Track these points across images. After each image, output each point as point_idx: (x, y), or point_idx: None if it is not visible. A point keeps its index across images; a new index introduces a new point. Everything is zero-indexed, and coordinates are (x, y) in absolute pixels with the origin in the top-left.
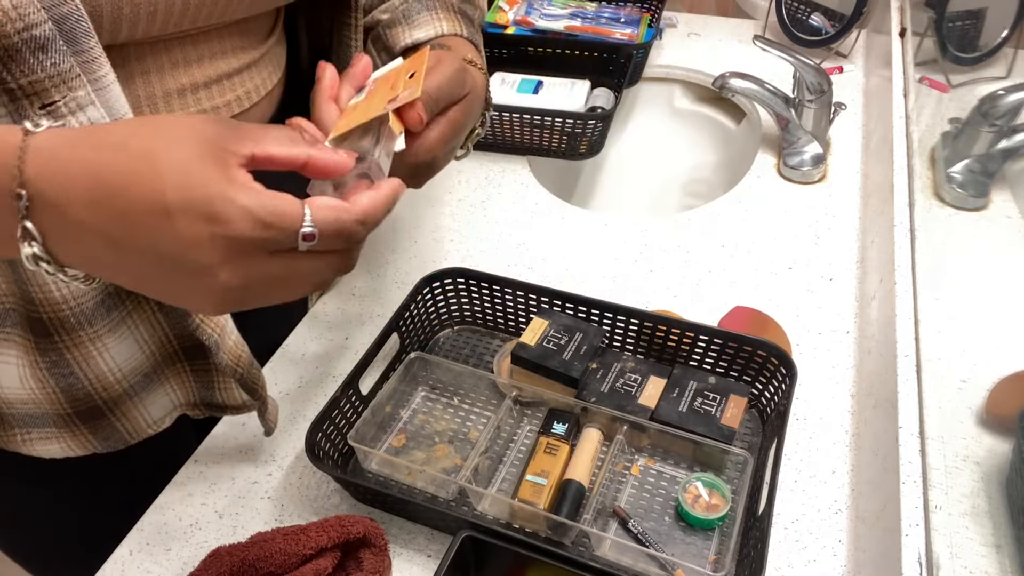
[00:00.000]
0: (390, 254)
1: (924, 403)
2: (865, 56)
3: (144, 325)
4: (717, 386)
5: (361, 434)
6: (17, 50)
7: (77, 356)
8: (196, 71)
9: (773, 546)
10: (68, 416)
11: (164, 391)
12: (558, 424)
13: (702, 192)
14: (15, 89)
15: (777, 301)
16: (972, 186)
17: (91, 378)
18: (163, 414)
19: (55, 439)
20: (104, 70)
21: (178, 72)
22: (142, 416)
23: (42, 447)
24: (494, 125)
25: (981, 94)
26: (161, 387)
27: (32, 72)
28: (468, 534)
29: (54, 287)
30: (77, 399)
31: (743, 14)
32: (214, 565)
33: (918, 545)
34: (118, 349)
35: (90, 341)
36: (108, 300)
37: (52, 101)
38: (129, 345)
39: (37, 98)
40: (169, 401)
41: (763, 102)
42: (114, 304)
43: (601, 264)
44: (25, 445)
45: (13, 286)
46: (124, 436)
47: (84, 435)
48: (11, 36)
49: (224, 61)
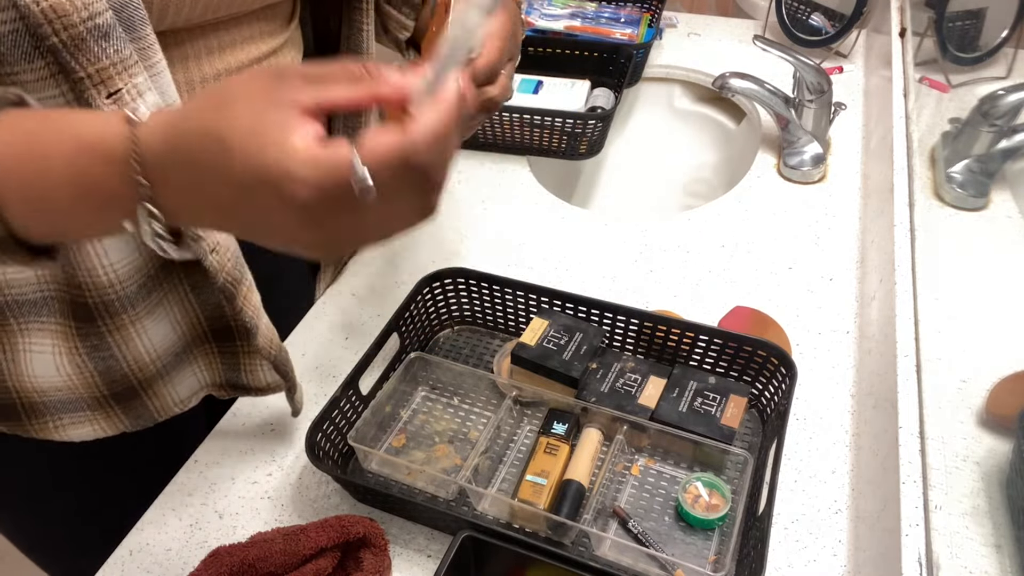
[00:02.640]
0: (390, 254)
1: (924, 403)
2: (865, 56)
3: (178, 307)
4: (717, 386)
5: (361, 434)
6: (83, 39)
7: (118, 339)
8: (230, 56)
9: (773, 546)
10: (104, 398)
11: (192, 371)
12: (558, 424)
13: (702, 192)
14: (84, 78)
15: (777, 301)
16: (972, 186)
17: (129, 360)
18: (190, 393)
19: (88, 422)
20: (157, 56)
21: (213, 58)
22: (170, 395)
23: (74, 431)
24: (494, 125)
25: (981, 94)
26: (189, 367)
27: (97, 60)
28: (468, 534)
29: (102, 272)
30: (115, 380)
31: (743, 14)
32: (214, 565)
33: (918, 545)
34: (155, 330)
35: (131, 323)
36: (149, 283)
37: (116, 89)
38: (164, 326)
39: (104, 87)
40: (196, 381)
41: (763, 102)
42: (154, 286)
43: (601, 264)
44: (57, 431)
45: (59, 273)
46: (153, 414)
47: (117, 415)
48: (77, 25)
49: (254, 46)
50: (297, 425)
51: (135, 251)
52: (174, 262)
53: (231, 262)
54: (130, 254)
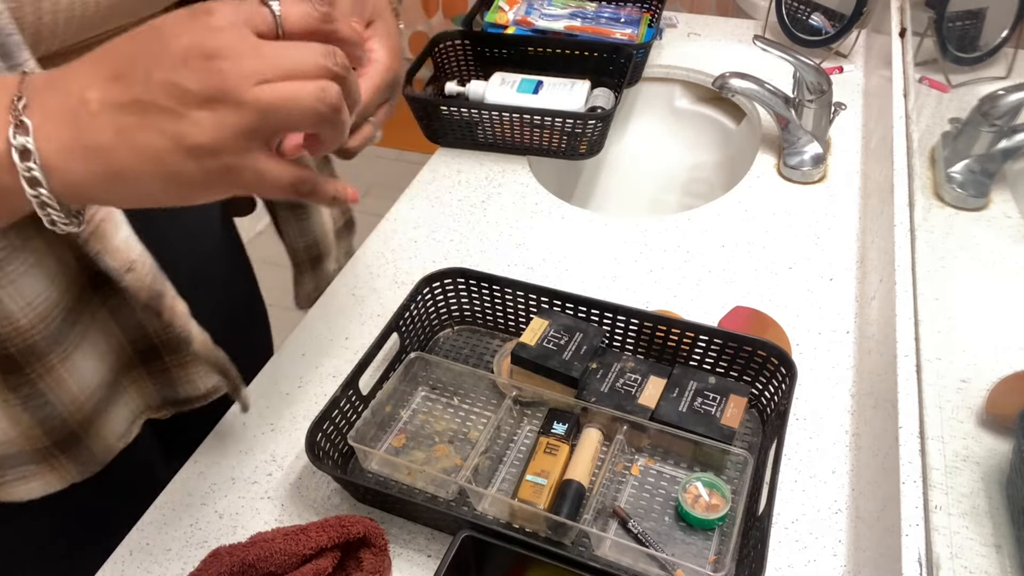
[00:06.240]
0: (390, 254)
1: (924, 403)
2: (865, 56)
3: (102, 336)
4: (717, 386)
5: (361, 434)
6: None
7: (50, 382)
8: None
9: (773, 546)
10: (46, 449)
11: (124, 401)
12: (558, 424)
13: (702, 192)
14: None
15: (777, 301)
16: (972, 186)
17: (64, 402)
18: (127, 424)
19: (34, 477)
20: None
21: None
22: (109, 432)
23: (22, 488)
24: (494, 125)
25: (981, 94)
26: (121, 397)
27: None
28: (468, 534)
29: (21, 315)
30: (54, 428)
31: (743, 14)
32: (214, 565)
33: (918, 545)
34: (84, 365)
35: (60, 363)
36: (69, 316)
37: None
38: (93, 359)
39: None
40: (129, 411)
41: (763, 102)
42: (75, 318)
43: (601, 264)
44: (2, 491)
45: None
46: (97, 457)
47: (63, 466)
48: None
49: None
50: (297, 425)
51: (49, 284)
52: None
53: (150, 276)
54: (45, 288)
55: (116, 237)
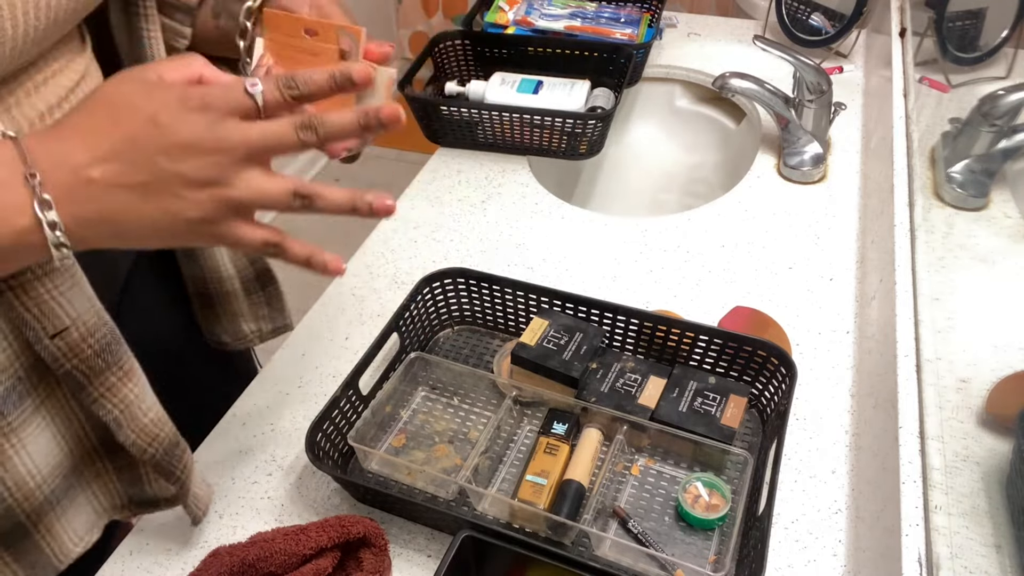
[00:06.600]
0: (390, 254)
1: (924, 403)
2: (865, 56)
3: (59, 416)
4: (717, 386)
5: (361, 434)
6: None
7: None
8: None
9: (773, 546)
10: None
11: (86, 497)
12: (558, 424)
13: (702, 192)
14: None
15: (777, 301)
16: (972, 186)
17: (10, 485)
18: (89, 526)
19: None
20: None
21: (32, 98)
22: (66, 531)
23: None
24: (494, 125)
25: (981, 94)
26: (83, 493)
27: None
28: (468, 534)
29: None
30: None
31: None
32: (214, 565)
33: (918, 545)
34: (36, 445)
35: (3, 437)
36: (20, 385)
37: None
38: (46, 439)
39: None
40: (92, 510)
41: (763, 102)
42: (27, 389)
43: (601, 264)
44: None
45: None
46: (52, 560)
47: (8, 566)
48: None
49: (65, 76)
50: (297, 425)
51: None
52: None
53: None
54: None
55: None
